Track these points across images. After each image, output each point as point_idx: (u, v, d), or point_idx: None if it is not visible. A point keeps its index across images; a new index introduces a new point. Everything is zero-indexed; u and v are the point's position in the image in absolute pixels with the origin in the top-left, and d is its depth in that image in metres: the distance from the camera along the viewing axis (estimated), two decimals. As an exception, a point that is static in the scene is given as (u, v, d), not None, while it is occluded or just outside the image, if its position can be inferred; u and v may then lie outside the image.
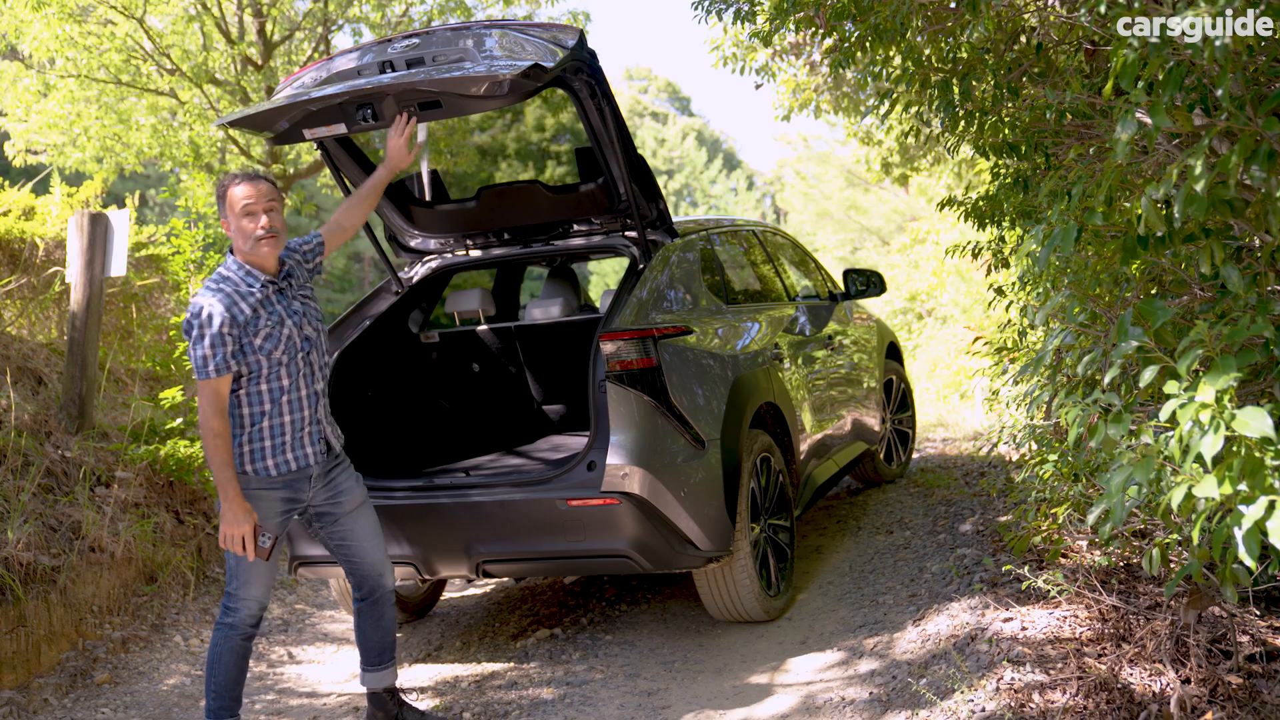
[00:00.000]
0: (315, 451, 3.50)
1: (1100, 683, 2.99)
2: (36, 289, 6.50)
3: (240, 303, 3.34)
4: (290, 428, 3.45)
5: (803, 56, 10.47)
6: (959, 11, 3.86)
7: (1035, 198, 4.21)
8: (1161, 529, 3.19)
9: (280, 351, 3.40)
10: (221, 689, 3.46)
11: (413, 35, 3.97)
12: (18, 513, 4.64)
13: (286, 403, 3.43)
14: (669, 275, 4.49)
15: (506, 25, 3.86)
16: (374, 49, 3.98)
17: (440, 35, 3.90)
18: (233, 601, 3.46)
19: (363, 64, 3.93)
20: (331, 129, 3.93)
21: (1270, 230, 2.24)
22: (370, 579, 3.65)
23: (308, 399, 3.49)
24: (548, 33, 3.76)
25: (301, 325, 3.48)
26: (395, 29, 11.97)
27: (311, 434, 3.50)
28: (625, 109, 42.70)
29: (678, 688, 3.93)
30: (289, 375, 3.44)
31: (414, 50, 3.87)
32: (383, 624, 3.70)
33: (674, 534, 3.94)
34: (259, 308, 3.37)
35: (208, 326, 3.28)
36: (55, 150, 11.21)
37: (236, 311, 3.32)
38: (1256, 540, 1.86)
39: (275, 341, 3.38)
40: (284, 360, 3.41)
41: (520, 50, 3.73)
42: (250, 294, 3.36)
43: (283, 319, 3.42)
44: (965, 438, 8.76)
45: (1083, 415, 2.40)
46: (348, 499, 3.60)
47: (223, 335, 3.28)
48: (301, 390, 3.47)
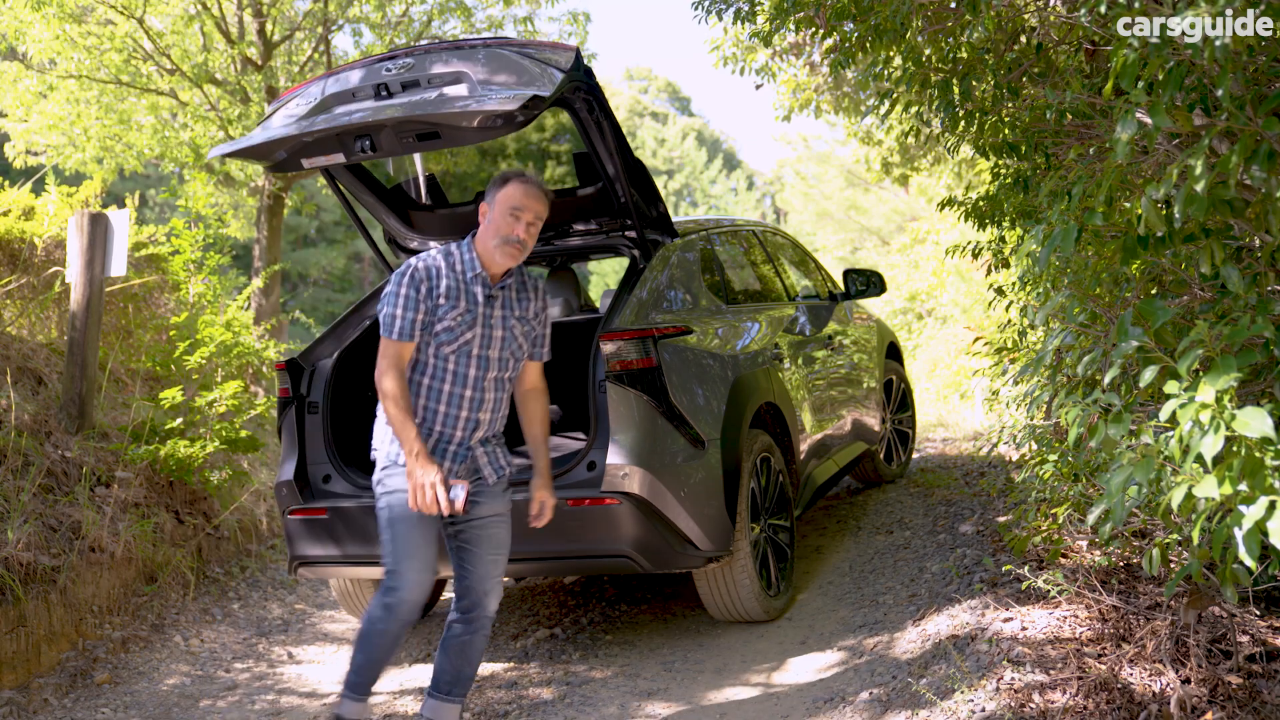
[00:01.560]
0: (452, 470, 3.28)
1: (1100, 683, 2.99)
2: (36, 289, 6.50)
3: (442, 275, 3.23)
4: (429, 436, 3.27)
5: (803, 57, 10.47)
6: (959, 11, 3.86)
7: (1035, 198, 4.21)
8: (1161, 529, 3.19)
9: (454, 349, 3.25)
10: (362, 667, 3.29)
11: (407, 53, 3.90)
12: (18, 513, 4.64)
13: (436, 412, 3.27)
14: (669, 275, 4.49)
15: (502, 44, 3.80)
16: (368, 68, 3.91)
17: (435, 55, 3.83)
18: (392, 580, 3.23)
19: (358, 86, 3.86)
20: (330, 158, 3.90)
21: (1270, 230, 2.24)
22: (474, 593, 3.36)
23: (467, 421, 3.28)
24: (543, 53, 3.69)
25: (487, 345, 3.28)
26: (395, 29, 11.96)
27: (455, 454, 3.30)
28: (625, 109, 42.71)
29: (678, 688, 3.93)
30: (453, 382, 3.26)
31: (409, 72, 3.78)
32: (467, 651, 3.38)
33: (674, 534, 3.95)
34: (462, 297, 3.24)
35: (402, 285, 3.19)
36: (55, 151, 11.20)
37: (438, 280, 3.22)
38: (1256, 540, 1.86)
39: (452, 336, 3.24)
40: (450, 361, 3.25)
41: (517, 73, 3.65)
42: (457, 274, 3.24)
43: (474, 322, 3.26)
44: (965, 438, 8.76)
45: (1083, 415, 2.40)
46: (484, 507, 3.36)
47: (417, 301, 3.19)
48: (461, 410, 3.27)
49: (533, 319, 3.40)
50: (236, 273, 11.53)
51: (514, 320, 3.34)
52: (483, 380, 3.29)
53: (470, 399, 3.28)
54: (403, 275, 3.22)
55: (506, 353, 3.33)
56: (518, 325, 3.35)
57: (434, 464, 3.11)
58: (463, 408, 3.27)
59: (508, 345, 3.33)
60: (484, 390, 3.30)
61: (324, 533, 4.24)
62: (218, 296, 7.37)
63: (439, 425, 3.27)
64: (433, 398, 3.26)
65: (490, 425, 3.35)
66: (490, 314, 3.28)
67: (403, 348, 3.21)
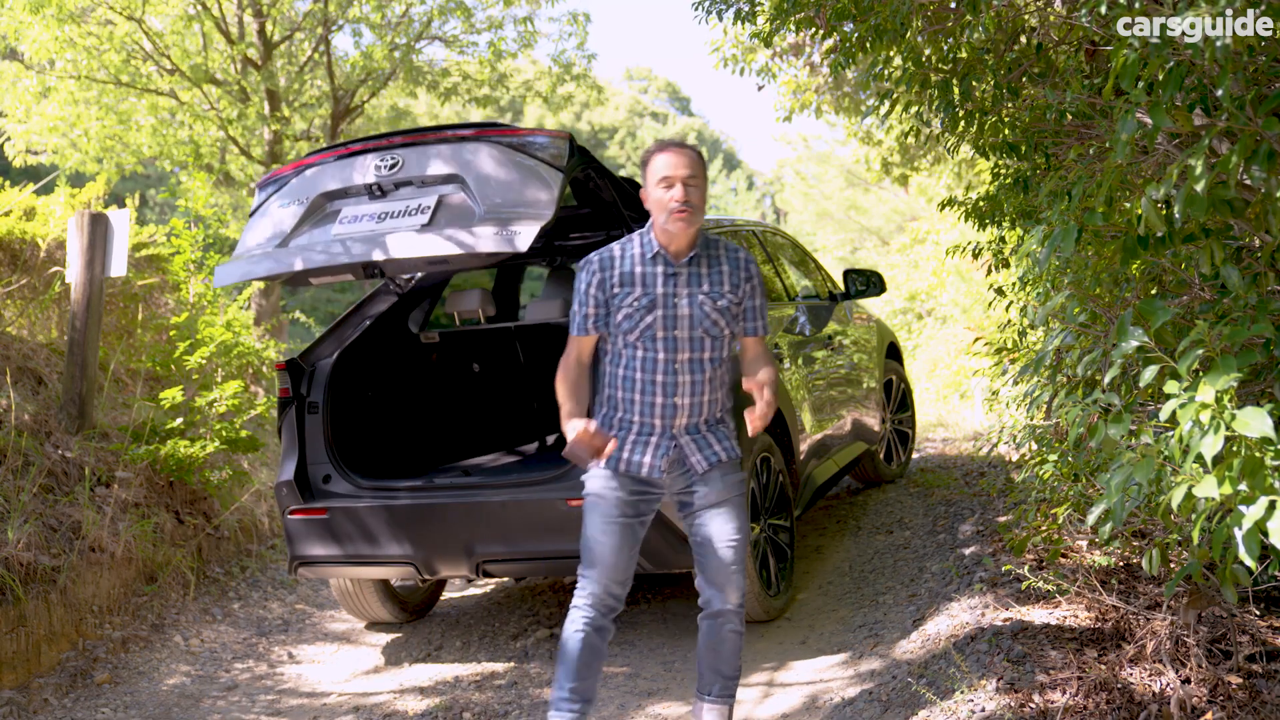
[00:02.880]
0: (654, 465, 3.14)
1: (1100, 683, 2.99)
2: (37, 289, 6.50)
3: (616, 265, 3.14)
4: (630, 427, 3.17)
5: (803, 57, 10.47)
6: (959, 11, 3.86)
7: (1035, 198, 4.21)
8: (1161, 529, 3.19)
9: (636, 336, 3.13)
10: (562, 678, 3.12)
11: (396, 144, 3.89)
12: (18, 513, 4.64)
13: (633, 401, 3.16)
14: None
15: (494, 135, 3.76)
16: (359, 161, 3.93)
17: (426, 149, 3.80)
18: (582, 581, 3.15)
19: (350, 185, 3.92)
20: (338, 276, 4.05)
21: (1270, 230, 2.24)
22: (711, 587, 3.19)
23: (663, 407, 3.14)
24: (537, 148, 3.66)
25: (672, 325, 3.13)
26: (395, 30, 11.95)
27: (659, 446, 3.15)
28: (625, 109, 42.70)
29: (678, 688, 3.93)
30: (642, 368, 3.14)
31: (401, 171, 3.80)
32: (720, 650, 3.20)
33: (674, 534, 3.94)
34: (639, 282, 3.13)
35: (580, 281, 3.16)
36: (55, 152, 11.21)
37: (611, 270, 3.13)
38: (1256, 540, 1.87)
39: (632, 324, 3.12)
40: (637, 348, 3.13)
41: (515, 177, 3.63)
42: (635, 258, 3.14)
43: (653, 305, 3.12)
44: (965, 438, 8.76)
45: (1083, 415, 2.40)
46: (704, 494, 3.19)
47: (589, 295, 3.14)
48: (656, 397, 3.14)
49: (729, 292, 3.16)
50: (237, 273, 11.51)
51: (702, 296, 3.13)
52: (673, 363, 3.13)
53: (663, 384, 3.13)
54: (581, 269, 3.18)
55: (699, 332, 3.13)
56: (708, 301, 3.13)
57: (580, 418, 3.08)
58: (656, 394, 3.13)
59: (699, 324, 3.13)
60: (676, 374, 3.13)
61: (324, 533, 4.25)
62: (218, 296, 7.37)
63: (637, 415, 3.15)
64: (626, 387, 3.15)
65: (693, 411, 3.16)
66: (673, 293, 3.12)
67: (580, 342, 3.16)
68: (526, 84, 13.33)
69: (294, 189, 4.04)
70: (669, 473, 3.17)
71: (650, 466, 3.14)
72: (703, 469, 3.17)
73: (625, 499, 3.14)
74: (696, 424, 3.18)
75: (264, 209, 4.08)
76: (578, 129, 41.31)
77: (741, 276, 3.20)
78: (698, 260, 3.17)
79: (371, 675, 4.47)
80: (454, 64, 12.73)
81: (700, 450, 3.18)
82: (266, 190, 4.14)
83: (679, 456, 3.17)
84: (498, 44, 12.17)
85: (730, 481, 3.20)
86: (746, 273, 3.22)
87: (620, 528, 3.13)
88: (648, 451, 3.14)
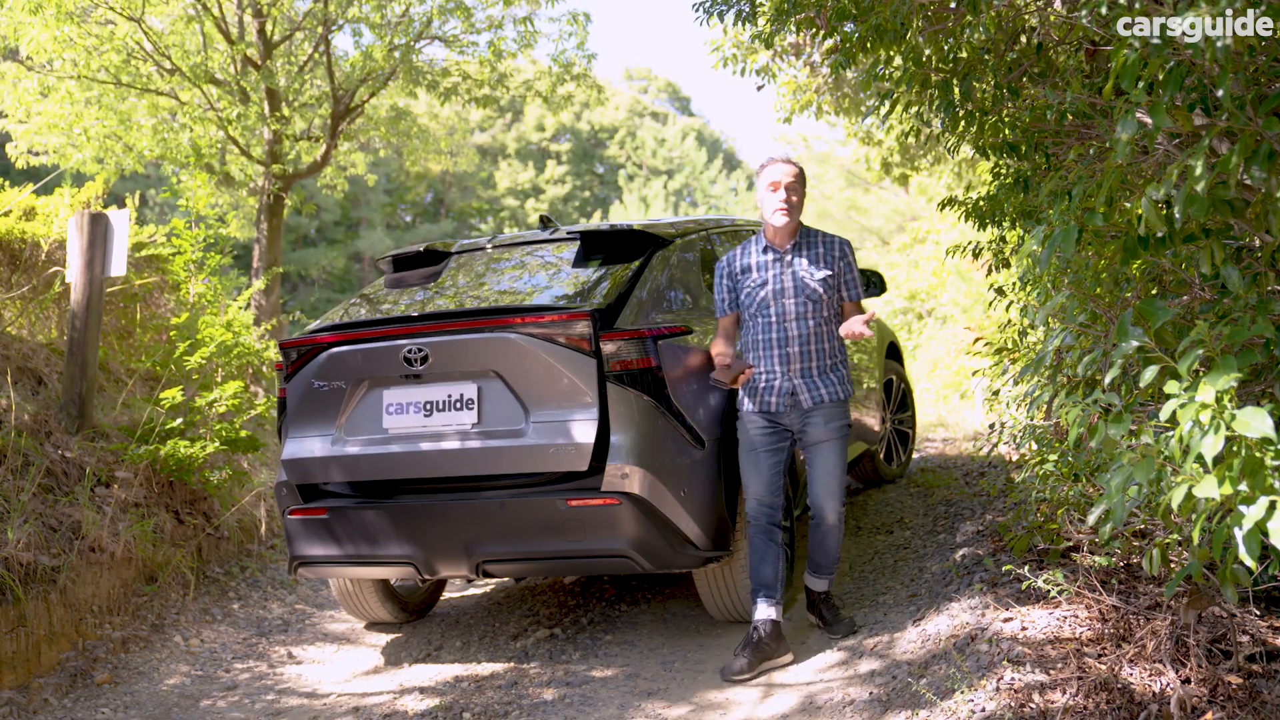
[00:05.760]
0: (779, 401, 4.04)
1: (1100, 683, 2.99)
2: (37, 289, 6.50)
3: (738, 260, 4.16)
4: (761, 376, 4.07)
5: (803, 57, 10.46)
6: (959, 11, 3.86)
7: (1036, 198, 4.21)
8: (1161, 529, 3.19)
9: (755, 309, 4.09)
10: (750, 571, 4.06)
11: (423, 329, 4.11)
12: (18, 513, 4.64)
13: (759, 356, 4.08)
14: (669, 275, 4.49)
15: (517, 324, 3.99)
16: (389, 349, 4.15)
17: (453, 342, 4.06)
18: (746, 502, 4.10)
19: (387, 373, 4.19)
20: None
21: (1270, 230, 2.24)
22: (814, 505, 4.15)
23: (779, 356, 4.04)
24: (559, 332, 3.97)
25: (780, 296, 4.05)
26: (395, 29, 11.94)
27: (780, 387, 4.04)
28: (625, 109, 42.68)
29: (678, 688, 3.93)
30: (762, 331, 4.07)
31: (431, 366, 4.08)
32: (823, 545, 4.20)
33: (674, 534, 3.95)
34: (754, 269, 4.10)
35: (716, 277, 4.24)
36: (56, 152, 11.20)
37: (735, 264, 4.16)
38: (1256, 540, 1.86)
39: (751, 299, 4.09)
40: (757, 316, 4.08)
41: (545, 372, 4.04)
42: (751, 253, 4.14)
43: (765, 283, 4.07)
44: (965, 438, 8.76)
45: (1083, 415, 2.40)
46: (810, 434, 4.07)
47: (721, 282, 4.19)
48: (772, 350, 4.05)
49: (826, 268, 4.09)
50: (237, 273, 11.53)
51: (803, 273, 4.06)
52: (783, 321, 4.05)
53: (776, 339, 4.06)
54: (716, 268, 4.27)
55: (801, 298, 4.05)
56: (808, 275, 4.06)
57: (726, 355, 4.07)
58: (772, 346, 4.06)
59: (801, 290, 4.05)
60: (786, 329, 4.05)
61: (324, 533, 4.24)
62: (218, 297, 7.37)
63: (763, 366, 4.07)
64: (754, 347, 4.10)
65: (803, 358, 4.05)
66: (780, 271, 4.08)
67: (722, 322, 4.20)
68: (526, 84, 13.31)
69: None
70: (792, 409, 4.05)
71: (775, 403, 4.05)
72: (808, 405, 4.05)
73: (763, 431, 4.06)
74: (809, 368, 4.06)
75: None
76: (577, 129, 41.31)
77: (835, 255, 4.14)
78: (799, 246, 4.12)
79: (371, 675, 4.47)
80: (454, 64, 12.72)
81: (809, 390, 4.06)
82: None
83: (794, 395, 4.03)
84: (498, 44, 12.16)
85: (834, 426, 4.08)
86: (840, 252, 4.16)
87: (761, 455, 4.05)
88: (773, 393, 4.05)
